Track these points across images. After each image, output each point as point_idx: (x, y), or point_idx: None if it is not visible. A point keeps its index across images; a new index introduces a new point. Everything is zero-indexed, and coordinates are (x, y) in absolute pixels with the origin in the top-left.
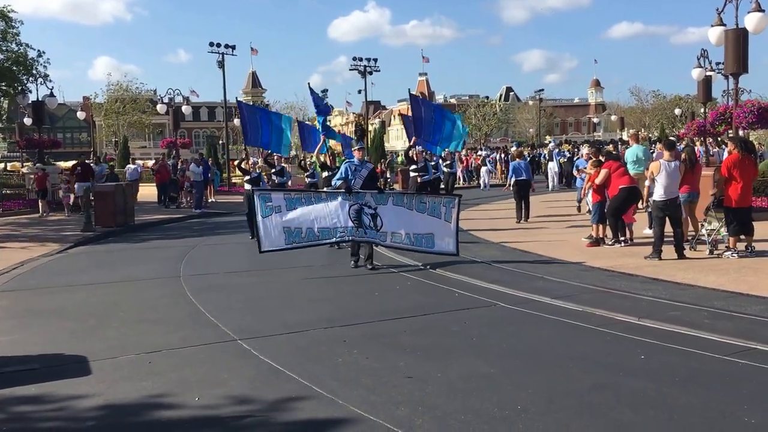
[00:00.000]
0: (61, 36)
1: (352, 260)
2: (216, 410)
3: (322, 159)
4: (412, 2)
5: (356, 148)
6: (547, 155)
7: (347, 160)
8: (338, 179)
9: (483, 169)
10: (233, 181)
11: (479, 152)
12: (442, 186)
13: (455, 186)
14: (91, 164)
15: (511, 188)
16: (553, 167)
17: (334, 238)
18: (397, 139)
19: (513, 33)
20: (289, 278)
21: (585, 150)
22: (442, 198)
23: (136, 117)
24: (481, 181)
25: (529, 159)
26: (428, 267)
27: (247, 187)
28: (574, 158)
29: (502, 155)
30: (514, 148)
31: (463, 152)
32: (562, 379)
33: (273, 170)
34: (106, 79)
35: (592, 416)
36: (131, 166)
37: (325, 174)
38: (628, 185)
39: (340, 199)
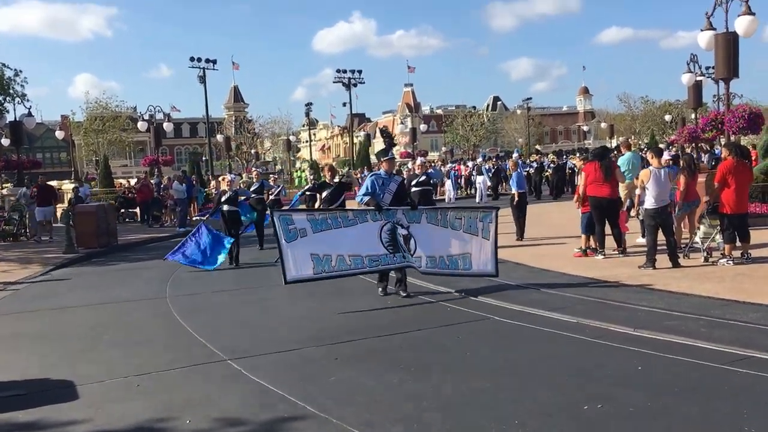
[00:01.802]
0: (40, 53)
1: (379, 287)
2: None
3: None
4: (398, 12)
5: (385, 158)
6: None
7: (373, 173)
8: (364, 195)
9: (479, 179)
10: None
11: (468, 162)
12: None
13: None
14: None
15: (512, 201)
16: (484, 180)
17: (368, 268)
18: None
19: (501, 41)
20: (277, 296)
21: (577, 161)
22: (478, 212)
23: (116, 135)
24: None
25: (493, 170)
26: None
27: (225, 207)
28: (545, 165)
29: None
30: (515, 155)
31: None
32: (560, 392)
33: (252, 188)
34: (84, 98)
35: (591, 430)
36: (81, 189)
37: (324, 193)
38: (596, 196)
39: (369, 219)
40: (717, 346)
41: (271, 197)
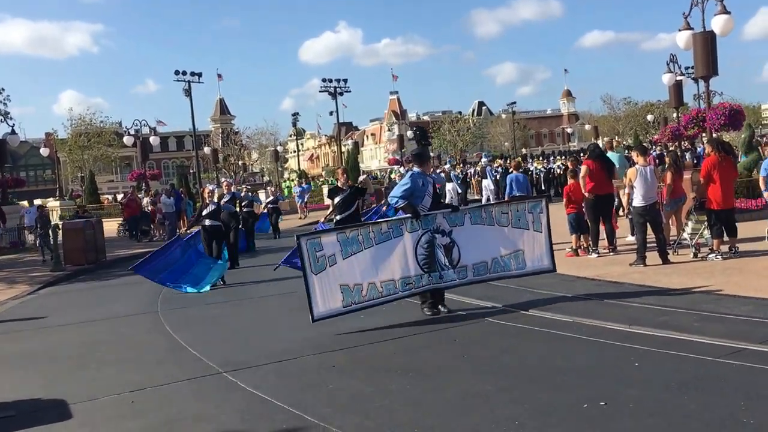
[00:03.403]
0: (24, 71)
1: (425, 306)
2: None
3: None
4: (384, 21)
5: (428, 159)
6: (480, 172)
7: (412, 171)
8: (401, 197)
9: (484, 182)
10: None
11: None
12: None
13: None
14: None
15: None
16: (488, 185)
17: (401, 293)
18: (371, 159)
19: (486, 47)
20: (269, 307)
21: (569, 163)
22: (526, 203)
23: (102, 151)
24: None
25: (462, 176)
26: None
27: (207, 222)
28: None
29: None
30: (484, 160)
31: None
32: (558, 391)
33: (223, 200)
34: (68, 114)
35: (590, 428)
36: (30, 209)
37: (337, 198)
38: (596, 194)
39: (405, 230)
40: (711, 339)
41: (259, 209)
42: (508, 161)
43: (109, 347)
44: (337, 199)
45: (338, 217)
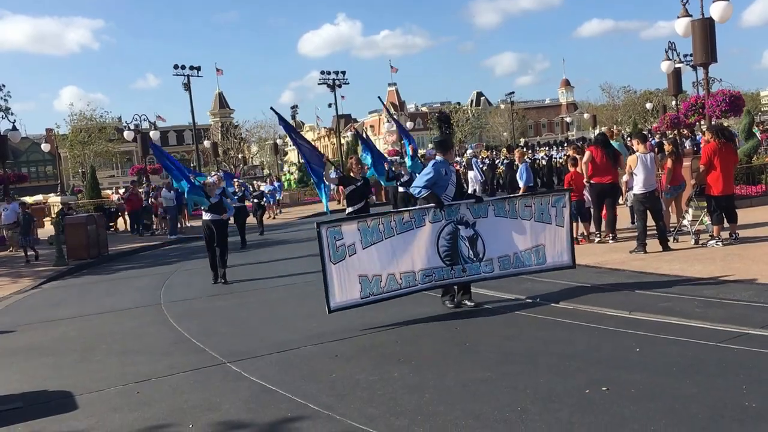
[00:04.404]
0: (25, 68)
1: (446, 299)
2: None
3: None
4: (383, 12)
5: (450, 149)
6: (465, 163)
7: (435, 160)
8: (424, 186)
9: (470, 174)
10: None
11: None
12: None
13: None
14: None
15: None
16: (475, 176)
17: (421, 285)
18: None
19: (485, 37)
20: (272, 297)
21: (571, 151)
22: (549, 197)
23: (103, 146)
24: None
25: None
26: None
27: (206, 216)
28: (497, 162)
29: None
30: (469, 151)
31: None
32: (560, 377)
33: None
34: (68, 110)
35: (593, 412)
36: (7, 206)
37: (348, 189)
38: (599, 182)
39: (428, 221)
40: (712, 324)
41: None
42: (510, 152)
43: (114, 339)
44: (348, 188)
45: (350, 209)
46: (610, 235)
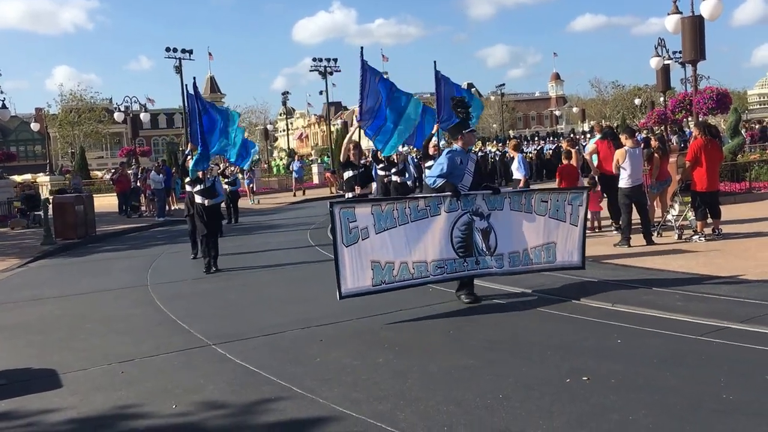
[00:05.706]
0: (19, 46)
1: (462, 294)
2: (194, 416)
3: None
4: (378, 1)
5: (467, 131)
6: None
7: (450, 149)
8: (438, 176)
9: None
10: None
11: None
12: None
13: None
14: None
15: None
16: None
17: (432, 277)
18: (362, 138)
19: (479, 29)
20: (259, 281)
21: (564, 144)
22: (567, 193)
23: (93, 127)
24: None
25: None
26: None
27: (198, 199)
28: (488, 154)
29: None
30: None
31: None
32: (542, 367)
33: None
34: (58, 90)
35: (573, 401)
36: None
37: (347, 174)
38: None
39: (443, 210)
40: (693, 318)
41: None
42: (504, 144)
43: (100, 319)
44: (348, 174)
45: (349, 194)
46: (614, 225)
